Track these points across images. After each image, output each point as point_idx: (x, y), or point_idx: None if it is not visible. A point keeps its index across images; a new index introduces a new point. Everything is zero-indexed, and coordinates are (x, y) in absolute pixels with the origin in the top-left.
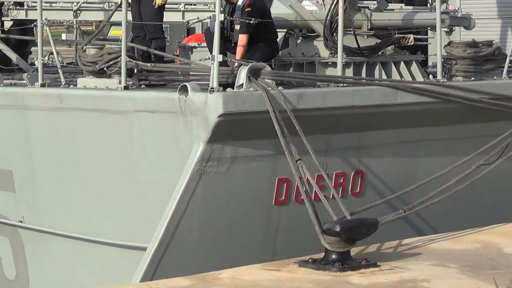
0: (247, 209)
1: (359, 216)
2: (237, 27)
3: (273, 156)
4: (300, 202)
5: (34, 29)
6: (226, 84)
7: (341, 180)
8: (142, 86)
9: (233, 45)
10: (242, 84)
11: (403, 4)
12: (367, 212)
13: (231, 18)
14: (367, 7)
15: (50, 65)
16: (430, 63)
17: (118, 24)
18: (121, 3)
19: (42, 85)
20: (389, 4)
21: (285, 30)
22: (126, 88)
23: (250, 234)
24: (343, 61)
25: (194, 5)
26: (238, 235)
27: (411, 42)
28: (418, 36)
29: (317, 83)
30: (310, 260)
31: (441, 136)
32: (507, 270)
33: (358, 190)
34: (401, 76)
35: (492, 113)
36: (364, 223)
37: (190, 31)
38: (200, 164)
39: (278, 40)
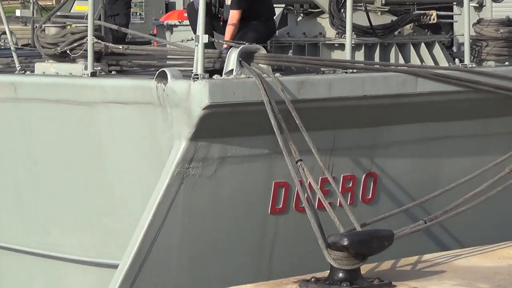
0: (237, 219)
1: (371, 227)
2: (228, 1)
3: (269, 156)
4: (301, 210)
5: None
6: (213, 70)
7: (350, 185)
8: (113, 72)
9: (221, 23)
10: (232, 70)
11: None
12: (381, 223)
13: None
14: None
15: (2, 47)
16: (456, 45)
17: None
18: None
19: None
20: None
21: (283, 5)
22: (94, 74)
23: (241, 249)
24: (353, 42)
25: None
26: (227, 250)
27: (434, 19)
28: (441, 13)
29: (322, 69)
30: (312, 280)
31: (469, 133)
32: None
33: (370, 197)
34: (421, 60)
35: None
36: (376, 236)
37: (169, 6)
38: (181, 166)
39: (275, 17)
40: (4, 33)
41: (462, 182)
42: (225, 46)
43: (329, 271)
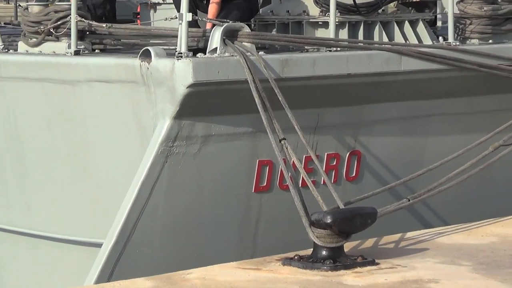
0: (222, 198)
1: (355, 206)
2: None
3: (253, 134)
4: (285, 189)
5: None
6: (197, 48)
7: (334, 163)
8: (96, 51)
9: (204, 2)
10: (216, 48)
11: None
12: (365, 201)
13: None
14: None
15: None
16: (439, 23)
17: None
18: None
19: None
20: None
21: None
22: (77, 53)
23: (225, 227)
24: (337, 20)
25: None
26: (211, 228)
27: None
28: None
29: (305, 47)
30: (296, 257)
31: (453, 111)
32: None
33: (354, 175)
34: (405, 38)
35: None
36: (360, 213)
37: None
38: (165, 144)
39: None
40: None
41: (446, 161)
42: (208, 24)
43: (312, 249)
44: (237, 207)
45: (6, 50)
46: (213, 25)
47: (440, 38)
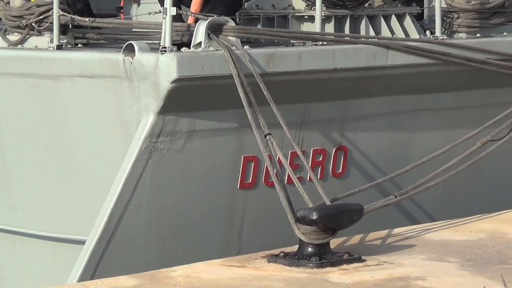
0: (206, 194)
1: (341, 202)
2: None
3: (238, 130)
4: (271, 185)
5: None
6: (181, 43)
7: (320, 159)
8: (79, 45)
9: None
10: (200, 42)
11: None
12: (352, 197)
13: None
14: None
15: None
16: (426, 17)
17: None
18: None
19: None
20: None
21: None
22: (60, 47)
23: (210, 224)
24: (323, 14)
25: None
26: (195, 225)
27: None
28: None
29: (291, 41)
30: (281, 254)
31: (440, 106)
32: None
33: (340, 171)
34: (392, 32)
35: (502, 77)
36: (346, 210)
37: None
38: (149, 140)
39: None
40: None
41: (433, 157)
42: (191, 19)
43: (298, 246)
44: (222, 204)
45: None
46: (197, 20)
47: (427, 32)
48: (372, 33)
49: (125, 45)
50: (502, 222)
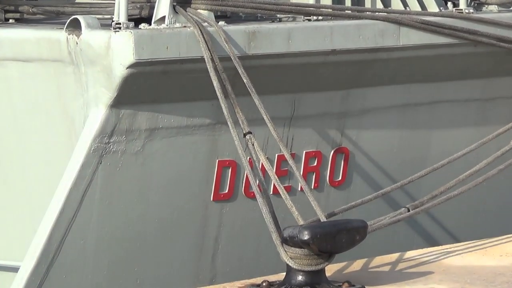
0: (172, 208)
1: (340, 218)
2: None
3: (212, 127)
4: (252, 197)
5: None
6: (140, 18)
7: (315, 164)
8: (10, 20)
9: None
10: (164, 17)
11: None
12: (353, 212)
13: None
14: None
15: None
16: None
17: None
18: None
19: None
20: None
21: None
22: None
23: (177, 246)
24: None
25: None
26: (158, 248)
27: None
28: None
29: (278, 16)
30: (264, 284)
31: (465, 96)
32: None
33: (340, 179)
34: (405, 4)
35: None
36: (345, 228)
37: None
38: (100, 140)
39: None
40: None
41: (455, 159)
42: None
43: (285, 273)
44: (192, 220)
45: None
46: None
47: (449, 4)
48: (380, 5)
49: (68, 20)
50: None
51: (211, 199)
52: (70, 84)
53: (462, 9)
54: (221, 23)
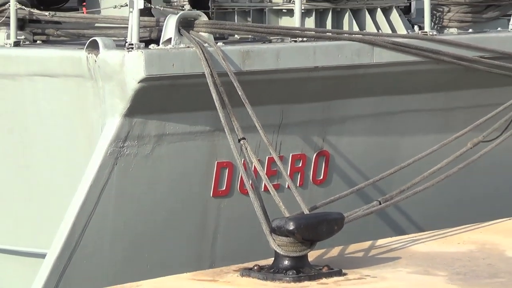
0: (176, 203)
1: (321, 211)
2: None
3: (211, 133)
4: (246, 193)
5: None
6: (149, 39)
7: (300, 165)
8: (38, 42)
9: None
10: (170, 39)
11: None
12: (333, 206)
13: None
14: None
15: None
16: (414, 10)
17: None
18: None
19: None
20: None
21: None
22: (17, 44)
23: (181, 235)
24: (303, 7)
25: None
26: (165, 237)
27: None
28: None
29: (269, 37)
30: (255, 268)
31: (429, 107)
32: (510, 278)
33: (321, 178)
34: (377, 28)
35: (496, 76)
36: (325, 219)
37: None
38: (115, 145)
39: None
40: None
41: (420, 159)
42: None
43: (273, 259)
44: (194, 213)
45: None
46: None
47: (416, 27)
48: (356, 28)
49: (88, 41)
50: (493, 233)
51: (211, 195)
52: (89, 96)
53: (426, 32)
54: (220, 43)
